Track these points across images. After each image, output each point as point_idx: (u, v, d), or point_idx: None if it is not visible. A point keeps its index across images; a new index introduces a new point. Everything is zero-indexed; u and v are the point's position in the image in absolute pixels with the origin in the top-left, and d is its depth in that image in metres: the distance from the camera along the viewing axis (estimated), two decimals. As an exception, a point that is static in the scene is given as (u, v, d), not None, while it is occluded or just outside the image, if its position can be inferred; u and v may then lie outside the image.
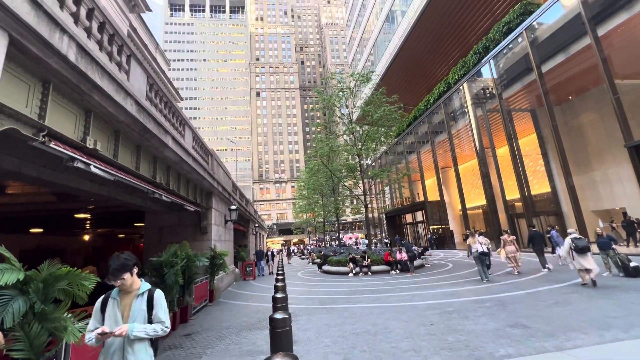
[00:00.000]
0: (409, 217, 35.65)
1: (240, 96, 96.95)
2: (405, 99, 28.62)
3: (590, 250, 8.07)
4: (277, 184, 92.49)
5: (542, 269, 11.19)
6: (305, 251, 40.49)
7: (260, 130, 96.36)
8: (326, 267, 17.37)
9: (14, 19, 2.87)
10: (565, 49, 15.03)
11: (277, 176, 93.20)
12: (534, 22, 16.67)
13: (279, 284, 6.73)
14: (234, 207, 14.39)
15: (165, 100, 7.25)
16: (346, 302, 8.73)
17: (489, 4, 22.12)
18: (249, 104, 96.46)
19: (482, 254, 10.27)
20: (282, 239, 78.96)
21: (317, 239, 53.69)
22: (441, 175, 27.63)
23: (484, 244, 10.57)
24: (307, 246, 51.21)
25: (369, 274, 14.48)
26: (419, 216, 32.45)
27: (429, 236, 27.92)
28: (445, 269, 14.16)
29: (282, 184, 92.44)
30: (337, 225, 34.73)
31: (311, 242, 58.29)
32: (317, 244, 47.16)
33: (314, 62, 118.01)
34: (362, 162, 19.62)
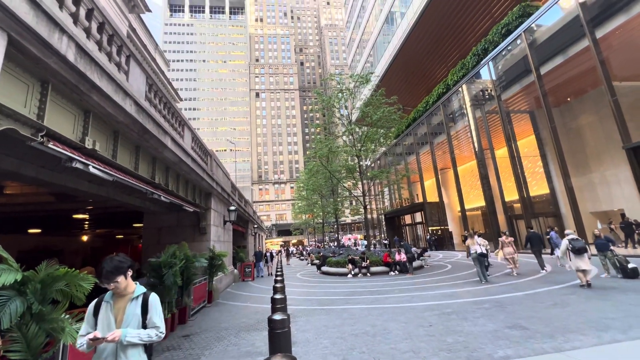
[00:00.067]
0: (408, 218, 35.66)
1: (239, 97, 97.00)
2: (404, 100, 28.68)
3: (587, 251, 8.14)
4: (276, 185, 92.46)
5: (541, 270, 11.21)
6: (304, 252, 40.44)
7: (259, 131, 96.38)
8: (325, 268, 17.36)
9: (12, 18, 2.87)
10: (563, 51, 15.09)
11: (276, 177, 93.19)
12: (533, 24, 16.73)
13: (278, 285, 6.72)
14: (232, 207, 14.37)
15: (164, 100, 7.25)
16: (345, 303, 8.73)
17: (488, 5, 22.22)
18: (248, 104, 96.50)
19: (481, 255, 10.32)
20: (281, 240, 78.89)
21: (316, 240, 53.64)
22: (440, 176, 27.66)
23: (482, 246, 10.59)
24: (307, 247, 51.15)
25: (368, 275, 14.47)
26: (418, 217, 32.47)
27: (428, 237, 27.92)
28: (444, 270, 14.16)
29: (281, 185, 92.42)
30: (336, 226, 34.72)
31: (310, 243, 58.25)
32: (316, 245, 47.12)
33: (313, 63, 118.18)
34: (361, 163, 19.63)
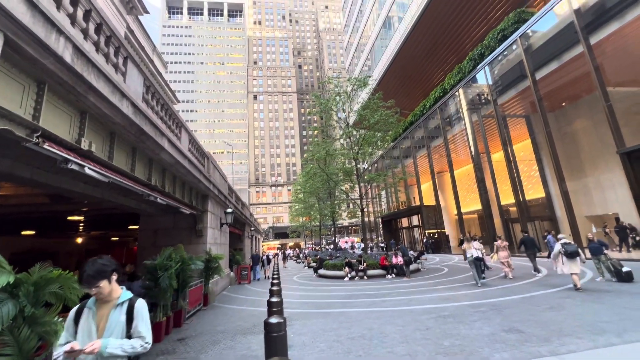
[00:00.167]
0: (404, 221, 35.73)
1: (237, 99, 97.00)
2: (401, 103, 28.82)
3: (579, 255, 8.26)
4: (274, 187, 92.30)
5: (538, 273, 11.27)
6: (301, 255, 40.30)
7: (257, 133, 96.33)
8: (322, 271, 17.31)
9: (9, 19, 2.85)
10: (558, 56, 15.28)
11: (273, 179, 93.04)
12: (528, 30, 16.94)
13: (274, 288, 6.69)
14: (229, 210, 14.30)
15: (161, 102, 7.23)
16: (342, 307, 8.70)
17: (484, 11, 22.49)
18: (246, 107, 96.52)
19: (477, 259, 10.42)
20: (278, 242, 78.61)
21: (313, 243, 53.53)
22: (437, 179, 27.78)
23: (478, 249, 10.67)
24: (304, 250, 51.02)
25: (365, 278, 14.45)
26: (415, 220, 32.55)
27: (425, 240, 27.97)
28: (440, 274, 14.18)
29: (279, 188, 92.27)
30: (333, 229, 34.69)
31: (307, 246, 58.11)
32: (314, 248, 47.00)
33: (311, 67, 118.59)
34: (358, 166, 19.68)
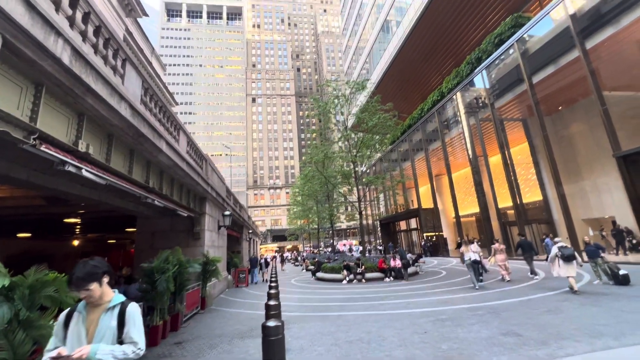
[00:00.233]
0: (403, 224, 35.74)
1: (235, 102, 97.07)
2: (399, 106, 28.96)
3: (576, 258, 8.34)
4: (272, 190, 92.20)
5: (535, 276, 11.31)
6: (299, 258, 40.16)
7: (255, 136, 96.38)
8: (320, 274, 17.26)
9: (7, 20, 2.85)
10: (555, 60, 15.42)
11: (271, 182, 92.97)
12: (525, 35, 17.10)
13: (272, 291, 6.66)
14: (227, 212, 14.26)
15: (160, 104, 7.23)
16: (340, 310, 8.66)
17: (482, 15, 22.70)
18: (244, 109, 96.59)
19: (475, 262, 10.46)
20: (276, 245, 78.39)
21: (311, 246, 53.43)
22: (435, 182, 27.84)
23: (476, 252, 10.71)
24: (302, 252, 50.86)
25: (363, 281, 14.42)
26: (413, 223, 32.56)
27: (423, 243, 27.98)
28: (438, 277, 14.17)
29: (277, 190, 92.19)
30: (331, 231, 34.65)
31: (305, 249, 57.97)
32: (312, 251, 46.89)
33: (310, 70, 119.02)
34: (356, 169, 19.70)
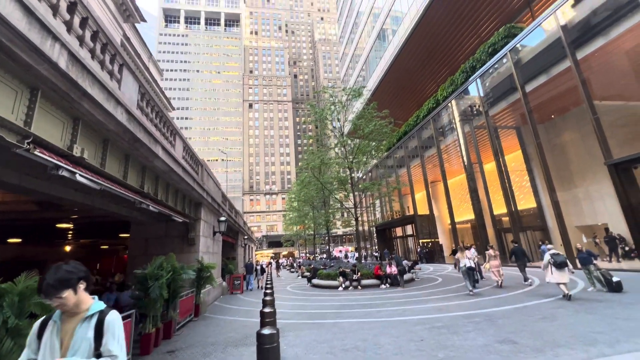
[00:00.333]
0: (399, 231, 35.76)
1: (232, 107, 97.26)
2: (395, 113, 29.22)
3: (567, 265, 8.44)
4: (268, 196, 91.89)
5: (528, 282, 11.41)
6: (294, 264, 39.89)
7: (251, 141, 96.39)
8: (316, 281, 17.14)
9: (4, 25, 2.85)
10: (547, 70, 15.73)
11: (267, 188, 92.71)
12: (518, 45, 17.47)
13: (267, 298, 6.60)
14: (223, 218, 14.15)
15: (156, 109, 7.21)
16: (336, 317, 8.59)
17: (476, 26, 23.17)
18: (241, 115, 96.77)
19: (470, 268, 10.52)
20: (272, 251, 77.84)
21: (306, 252, 53.15)
22: (431, 189, 27.99)
23: (471, 259, 10.77)
24: (297, 259, 50.52)
25: (359, 288, 14.34)
26: (409, 230, 32.59)
27: (419, 250, 27.97)
28: (434, 283, 14.15)
29: (273, 196, 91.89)
30: (327, 238, 34.53)
31: (301, 255, 57.61)
32: (307, 257, 46.61)
33: (306, 76, 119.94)
34: (353, 175, 19.76)
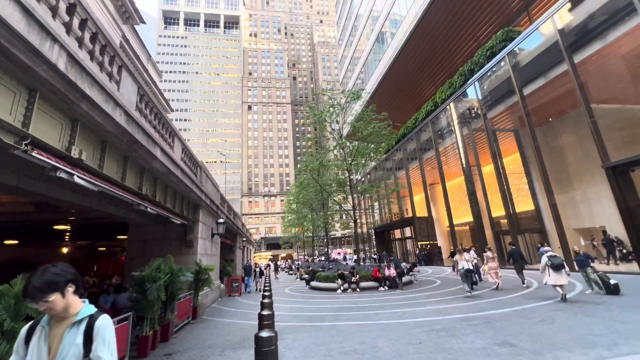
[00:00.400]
0: (397, 233, 35.73)
1: (231, 109, 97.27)
2: (394, 116, 29.32)
3: (564, 267, 8.54)
4: (267, 198, 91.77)
5: (525, 286, 11.46)
6: (293, 266, 39.77)
7: (250, 143, 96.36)
8: (314, 283, 17.09)
9: (3, 26, 2.84)
10: (545, 73, 15.82)
11: (266, 190, 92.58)
12: (516, 48, 17.56)
13: (266, 300, 6.57)
14: (221, 220, 14.11)
15: (155, 111, 7.20)
16: (334, 320, 8.56)
17: (474, 29, 23.30)
18: (240, 117, 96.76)
19: (468, 270, 10.60)
20: (270, 253, 77.59)
21: (305, 254, 53.01)
22: (429, 191, 28.02)
23: (469, 261, 10.83)
24: (296, 261, 50.39)
25: (358, 290, 14.31)
26: (408, 232, 32.59)
27: (417, 252, 27.95)
28: (433, 286, 14.14)
29: (272, 198, 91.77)
30: (326, 240, 34.47)
31: (299, 257, 57.47)
32: (306, 259, 46.50)
33: (305, 78, 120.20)
34: (351, 177, 19.77)
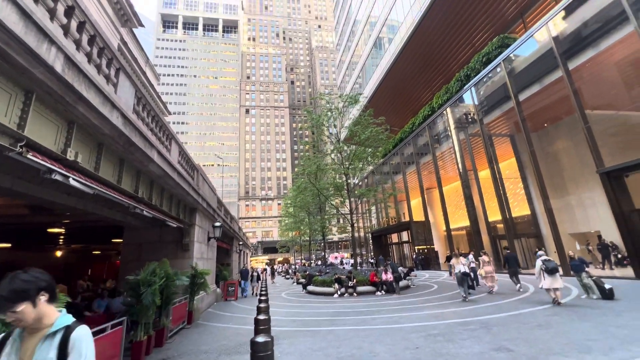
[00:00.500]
0: (394, 237, 35.73)
1: (229, 112, 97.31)
2: (391, 120, 29.49)
3: (558, 271, 8.62)
4: (264, 201, 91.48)
5: (517, 289, 11.58)
6: (290, 270, 39.55)
7: (248, 146, 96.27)
8: (311, 288, 17.00)
9: (1, 28, 2.83)
10: (540, 79, 16.03)
11: (263, 193, 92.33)
12: (511, 54, 17.80)
13: (262, 305, 6.52)
14: (218, 224, 14.03)
15: (152, 114, 7.18)
16: (331, 325, 8.51)
17: (470, 36, 23.59)
18: (237, 120, 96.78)
19: (464, 274, 10.64)
20: (267, 257, 77.13)
21: (302, 258, 52.78)
22: (426, 195, 28.09)
23: (466, 265, 10.89)
24: (293, 265, 50.12)
25: (355, 294, 14.25)
26: (405, 236, 32.57)
27: (415, 256, 27.93)
28: (430, 290, 14.12)
29: (269, 202, 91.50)
30: (323, 244, 34.38)
31: (296, 261, 57.19)
32: (303, 263, 46.28)
33: (303, 83, 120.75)
34: (349, 181, 19.79)
